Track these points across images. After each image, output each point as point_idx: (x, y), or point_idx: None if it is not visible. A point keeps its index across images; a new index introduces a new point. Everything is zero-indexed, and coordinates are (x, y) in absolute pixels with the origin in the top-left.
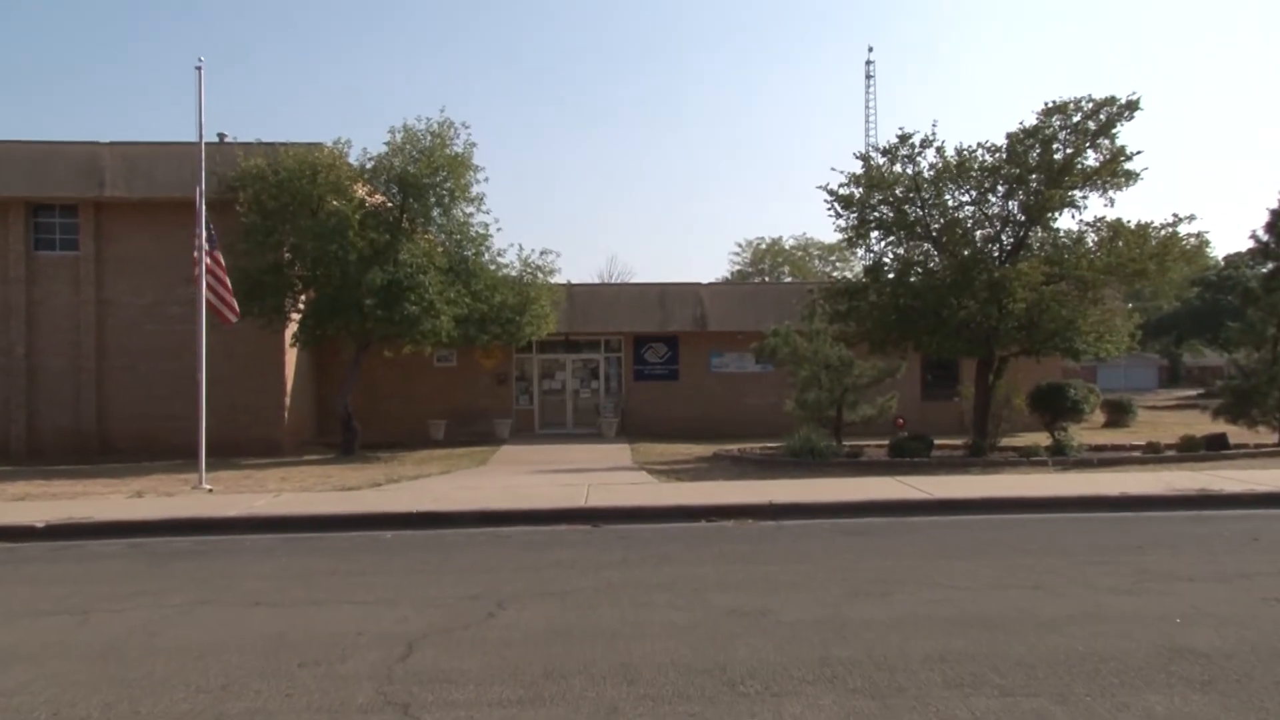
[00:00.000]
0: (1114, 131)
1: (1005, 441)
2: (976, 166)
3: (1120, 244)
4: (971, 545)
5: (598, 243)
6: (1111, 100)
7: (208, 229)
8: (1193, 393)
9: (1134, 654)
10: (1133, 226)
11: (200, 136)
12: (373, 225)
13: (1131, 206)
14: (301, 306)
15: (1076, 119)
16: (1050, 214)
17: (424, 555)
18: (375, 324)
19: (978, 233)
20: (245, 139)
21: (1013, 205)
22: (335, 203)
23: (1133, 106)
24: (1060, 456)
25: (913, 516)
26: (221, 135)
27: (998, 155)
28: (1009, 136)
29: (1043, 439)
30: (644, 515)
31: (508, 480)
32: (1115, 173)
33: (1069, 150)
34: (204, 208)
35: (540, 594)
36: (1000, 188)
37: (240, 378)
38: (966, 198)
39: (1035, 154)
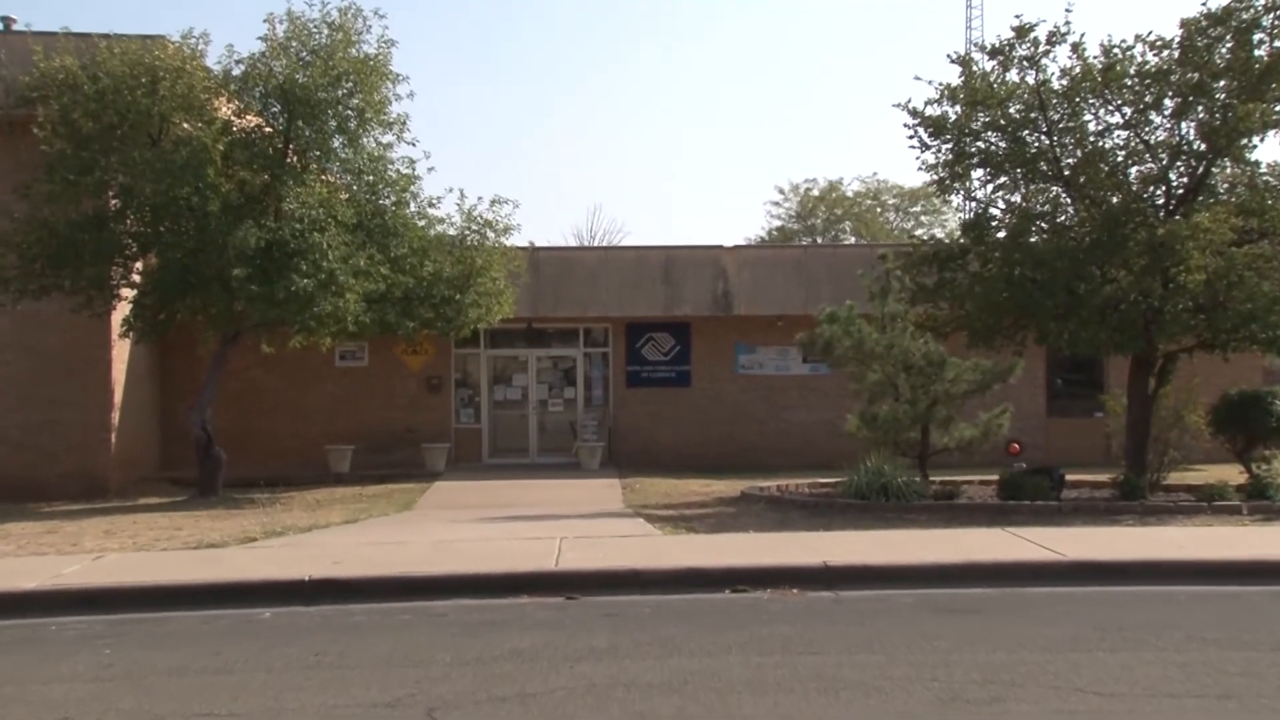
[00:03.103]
0: None
1: (1174, 477)
2: (1133, 72)
3: None
4: (1124, 631)
5: (574, 188)
6: None
7: None
8: None
9: None
10: None
11: None
12: (244, 160)
13: None
14: (137, 279)
15: None
16: (1246, 140)
17: (320, 643)
18: (249, 304)
19: (1133, 169)
20: (46, 28)
21: (1188, 128)
22: (186, 125)
23: None
24: (1260, 500)
25: (1035, 586)
26: (8, 20)
27: (1166, 54)
28: (1184, 25)
29: (1233, 474)
30: (641, 583)
31: (443, 532)
32: None
33: (1279, 42)
34: None
35: (489, 699)
36: (1169, 102)
37: (42, 383)
38: (1116, 118)
39: (1225, 49)
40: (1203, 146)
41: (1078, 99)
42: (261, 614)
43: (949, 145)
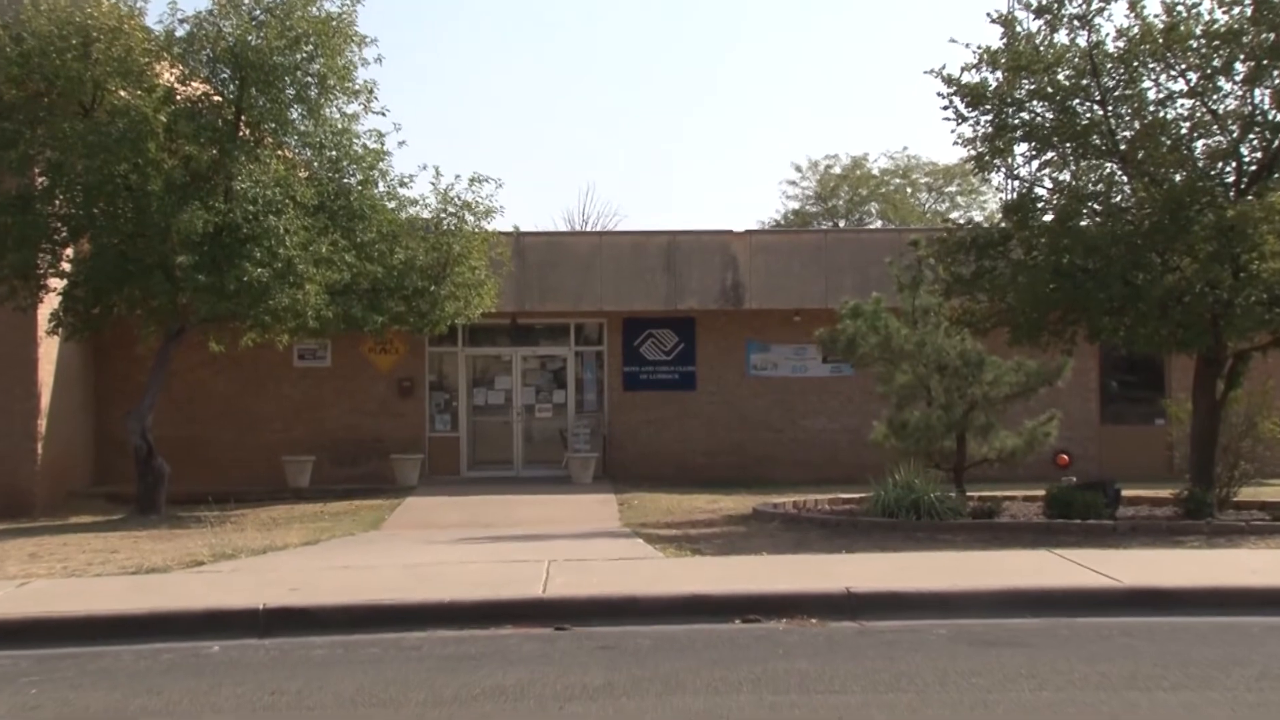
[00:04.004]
0: None
1: (1246, 493)
2: (1199, 32)
3: None
4: (1189, 667)
5: (564, 165)
6: None
7: None
8: None
9: None
10: None
11: None
12: (189, 132)
13: None
14: (67, 267)
15: None
16: None
17: (275, 680)
18: (195, 297)
19: (1199, 143)
20: None
21: (1262, 95)
22: (124, 93)
23: None
24: None
25: (1087, 616)
26: None
27: (1238, 11)
28: None
29: None
30: (639, 612)
31: (416, 555)
32: None
33: None
34: None
35: None
36: (1240, 67)
37: None
38: (1180, 85)
39: None
40: (1278, 117)
41: (1136, 63)
42: (209, 648)
43: (989, 116)
